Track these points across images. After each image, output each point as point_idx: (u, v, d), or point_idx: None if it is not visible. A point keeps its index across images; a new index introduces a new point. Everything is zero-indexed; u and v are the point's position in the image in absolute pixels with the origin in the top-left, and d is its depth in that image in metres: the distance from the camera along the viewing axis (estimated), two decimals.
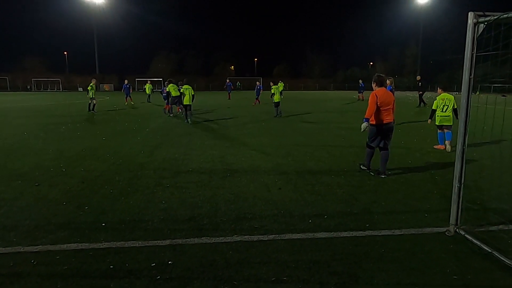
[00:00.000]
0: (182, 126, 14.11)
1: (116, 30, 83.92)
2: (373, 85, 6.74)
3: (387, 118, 6.53)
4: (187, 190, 5.80)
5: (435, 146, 9.57)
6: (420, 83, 24.77)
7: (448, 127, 9.21)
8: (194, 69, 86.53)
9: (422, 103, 23.47)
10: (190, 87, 15.11)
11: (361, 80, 32.98)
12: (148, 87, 29.80)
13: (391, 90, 15.72)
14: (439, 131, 9.51)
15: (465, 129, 4.02)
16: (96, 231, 4.21)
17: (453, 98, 9.29)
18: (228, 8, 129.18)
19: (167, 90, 18.07)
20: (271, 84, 18.79)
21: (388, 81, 15.83)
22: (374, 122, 6.59)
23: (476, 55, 3.89)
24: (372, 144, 6.72)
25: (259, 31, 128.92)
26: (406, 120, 15.76)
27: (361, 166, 7.13)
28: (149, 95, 29.42)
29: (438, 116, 9.33)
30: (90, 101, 19.49)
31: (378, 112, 6.50)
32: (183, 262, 3.51)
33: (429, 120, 9.85)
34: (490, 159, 7.65)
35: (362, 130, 6.52)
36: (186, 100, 14.98)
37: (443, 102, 9.28)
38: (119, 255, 3.64)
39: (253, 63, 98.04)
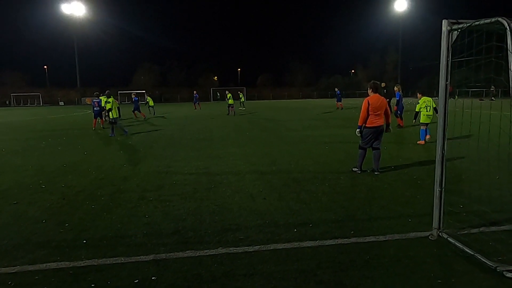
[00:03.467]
0: (166, 139, 13.99)
1: (97, 43, 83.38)
2: (369, 91, 7.32)
3: (379, 122, 7.19)
4: (171, 203, 5.73)
5: (418, 142, 11.06)
6: (385, 90, 24.47)
7: (425, 124, 11.02)
8: (178, 81, 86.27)
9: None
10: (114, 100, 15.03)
11: (337, 88, 31.99)
12: (150, 100, 29.57)
13: (400, 98, 16.08)
14: (422, 128, 11.09)
15: (444, 134, 4.10)
16: (76, 249, 4.10)
17: (431, 100, 10.96)
18: (210, 19, 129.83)
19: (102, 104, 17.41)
20: (226, 92, 29.01)
21: (395, 88, 16.37)
22: (367, 125, 7.22)
23: (451, 61, 4.00)
24: (365, 146, 7.31)
25: (242, 42, 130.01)
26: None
27: (353, 169, 7.57)
28: (152, 107, 29.14)
29: (424, 115, 10.95)
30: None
31: (371, 116, 7.13)
32: (167, 278, 3.44)
33: (414, 120, 11.43)
34: (469, 163, 7.80)
35: (357, 135, 7.37)
36: (114, 114, 14.77)
37: (425, 104, 10.97)
38: (101, 273, 3.54)
39: (236, 73, 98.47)
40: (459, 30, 3.89)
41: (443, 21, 3.95)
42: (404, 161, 8.55)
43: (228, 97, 27.19)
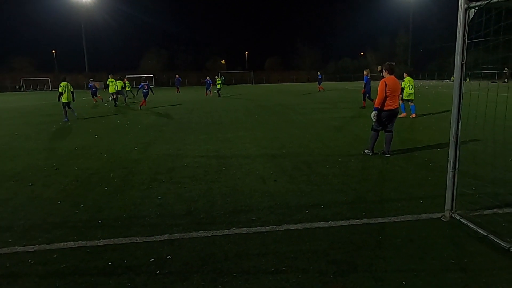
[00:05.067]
0: (175, 123, 14.04)
1: (105, 28, 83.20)
2: (384, 73, 7.19)
3: (394, 104, 7.08)
4: (182, 185, 5.78)
5: (411, 116, 13.04)
6: (382, 74, 24.28)
7: (411, 101, 13.31)
8: (185, 65, 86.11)
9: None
10: (68, 84, 15.02)
11: (319, 72, 35.92)
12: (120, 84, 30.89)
13: (367, 81, 16.73)
14: (402, 102, 12.91)
15: (458, 115, 4.05)
16: (92, 229, 4.18)
17: (412, 80, 13.45)
18: (217, 3, 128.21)
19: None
20: (216, 77, 32.87)
21: (365, 72, 16.72)
22: (384, 108, 7.06)
23: (467, 42, 3.90)
24: (378, 128, 7.24)
25: (249, 25, 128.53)
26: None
27: (364, 151, 7.56)
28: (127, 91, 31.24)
29: (406, 92, 13.25)
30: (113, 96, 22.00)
31: (386, 98, 7.00)
32: (182, 257, 3.50)
33: (400, 96, 12.97)
34: (483, 145, 7.71)
35: (373, 119, 7.12)
36: (65, 98, 14.75)
37: (409, 83, 13.30)
38: (117, 252, 3.62)
39: (244, 56, 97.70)
40: (476, 8, 3.79)
41: None
42: (416, 144, 8.49)
43: (217, 82, 31.10)
